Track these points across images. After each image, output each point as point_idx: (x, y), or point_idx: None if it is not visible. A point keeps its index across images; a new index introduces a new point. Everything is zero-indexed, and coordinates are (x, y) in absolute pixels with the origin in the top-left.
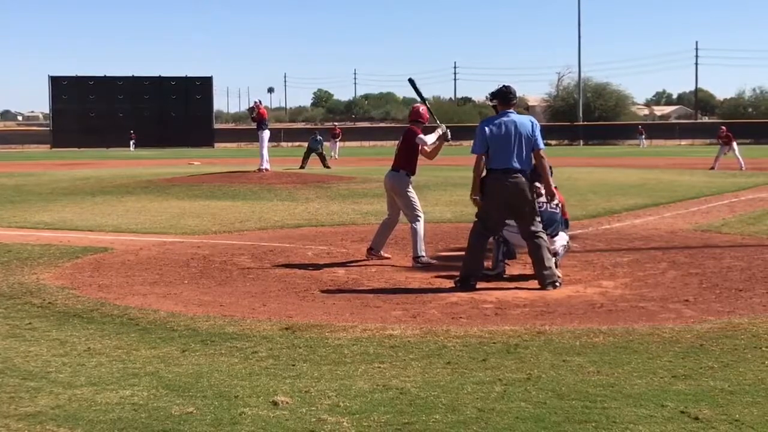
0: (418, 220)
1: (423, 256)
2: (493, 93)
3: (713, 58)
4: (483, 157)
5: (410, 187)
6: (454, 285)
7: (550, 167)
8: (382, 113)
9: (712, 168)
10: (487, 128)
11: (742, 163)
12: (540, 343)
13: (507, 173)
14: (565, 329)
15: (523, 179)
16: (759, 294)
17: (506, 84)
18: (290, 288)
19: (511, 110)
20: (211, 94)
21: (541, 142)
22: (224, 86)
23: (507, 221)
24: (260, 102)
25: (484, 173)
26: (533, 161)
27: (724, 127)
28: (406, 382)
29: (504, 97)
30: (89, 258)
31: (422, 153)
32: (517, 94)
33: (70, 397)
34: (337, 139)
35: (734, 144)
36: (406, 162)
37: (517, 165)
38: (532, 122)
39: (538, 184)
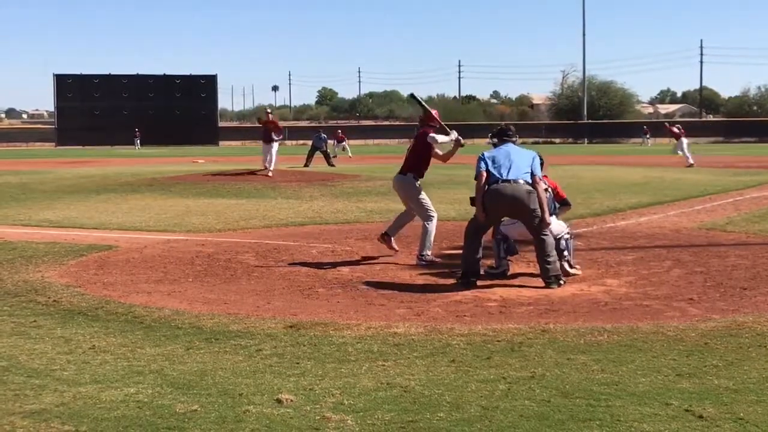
0: (431, 220)
1: (427, 254)
2: (492, 133)
3: (718, 56)
4: (484, 176)
5: (420, 190)
6: (455, 281)
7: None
8: (386, 111)
9: (690, 165)
10: (485, 153)
11: (690, 159)
12: (544, 341)
13: (505, 182)
14: (570, 327)
15: (522, 186)
16: (764, 293)
17: (507, 122)
18: (294, 286)
19: (510, 143)
20: (216, 92)
21: (538, 171)
22: (229, 84)
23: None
24: (270, 112)
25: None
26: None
27: (667, 124)
28: (410, 380)
29: (503, 134)
30: (94, 256)
31: (435, 156)
32: (524, 94)
33: (74, 394)
34: (343, 142)
35: (684, 139)
36: (414, 165)
37: (513, 177)
38: (531, 153)
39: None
